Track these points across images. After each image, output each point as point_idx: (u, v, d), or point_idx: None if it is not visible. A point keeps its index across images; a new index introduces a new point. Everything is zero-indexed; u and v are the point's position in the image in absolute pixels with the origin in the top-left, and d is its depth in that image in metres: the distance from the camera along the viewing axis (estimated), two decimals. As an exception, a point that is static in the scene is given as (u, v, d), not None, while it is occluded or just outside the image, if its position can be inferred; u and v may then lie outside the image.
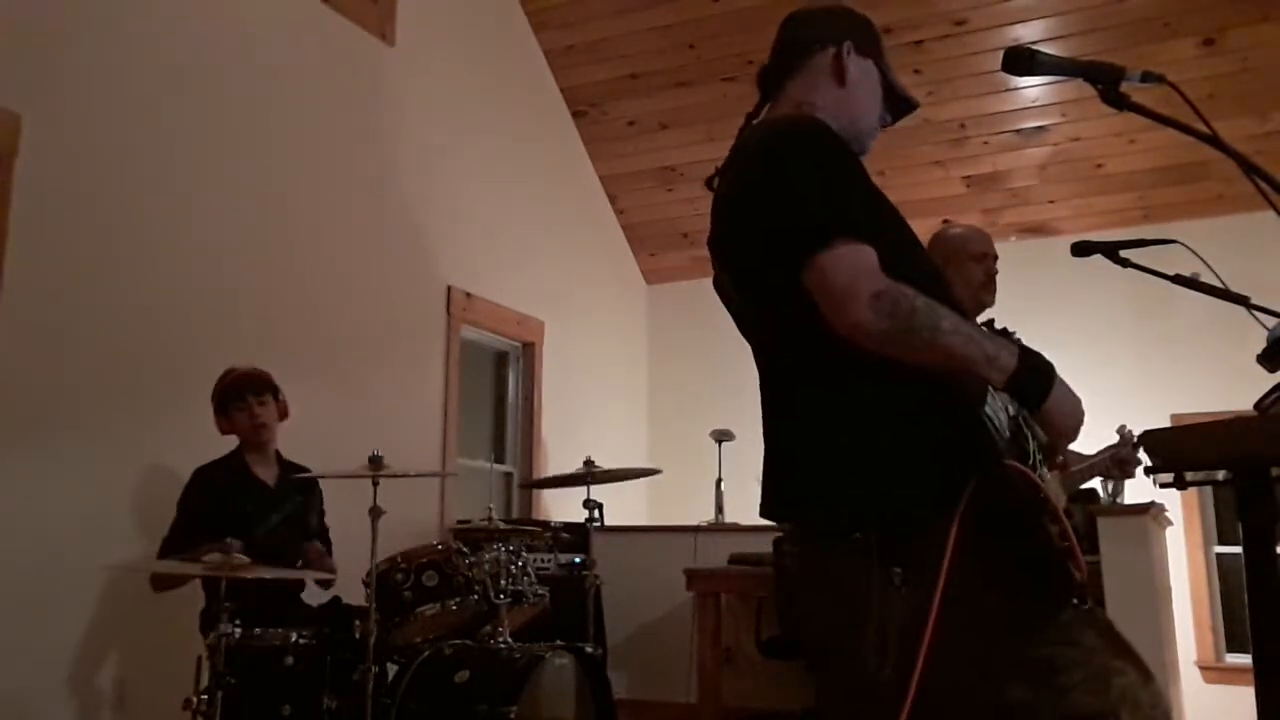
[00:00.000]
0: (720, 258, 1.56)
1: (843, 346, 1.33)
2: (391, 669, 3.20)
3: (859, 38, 1.62)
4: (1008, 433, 1.42)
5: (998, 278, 2.82)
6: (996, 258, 2.82)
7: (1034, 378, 1.35)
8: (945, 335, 1.30)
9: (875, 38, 1.65)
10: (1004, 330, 2.70)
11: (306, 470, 3.43)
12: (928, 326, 1.30)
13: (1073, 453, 2.79)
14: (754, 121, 1.63)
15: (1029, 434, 1.43)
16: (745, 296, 1.53)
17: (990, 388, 1.40)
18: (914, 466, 1.35)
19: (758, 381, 1.54)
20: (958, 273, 2.83)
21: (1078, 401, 1.39)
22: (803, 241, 1.34)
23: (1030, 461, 1.40)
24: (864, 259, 1.32)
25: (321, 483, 3.55)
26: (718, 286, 1.62)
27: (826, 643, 1.47)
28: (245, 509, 3.24)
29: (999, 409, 1.41)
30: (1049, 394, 1.35)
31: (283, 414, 3.44)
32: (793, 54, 1.63)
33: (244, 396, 3.34)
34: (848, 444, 1.39)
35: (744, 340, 1.59)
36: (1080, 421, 1.39)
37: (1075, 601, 1.29)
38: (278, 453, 3.44)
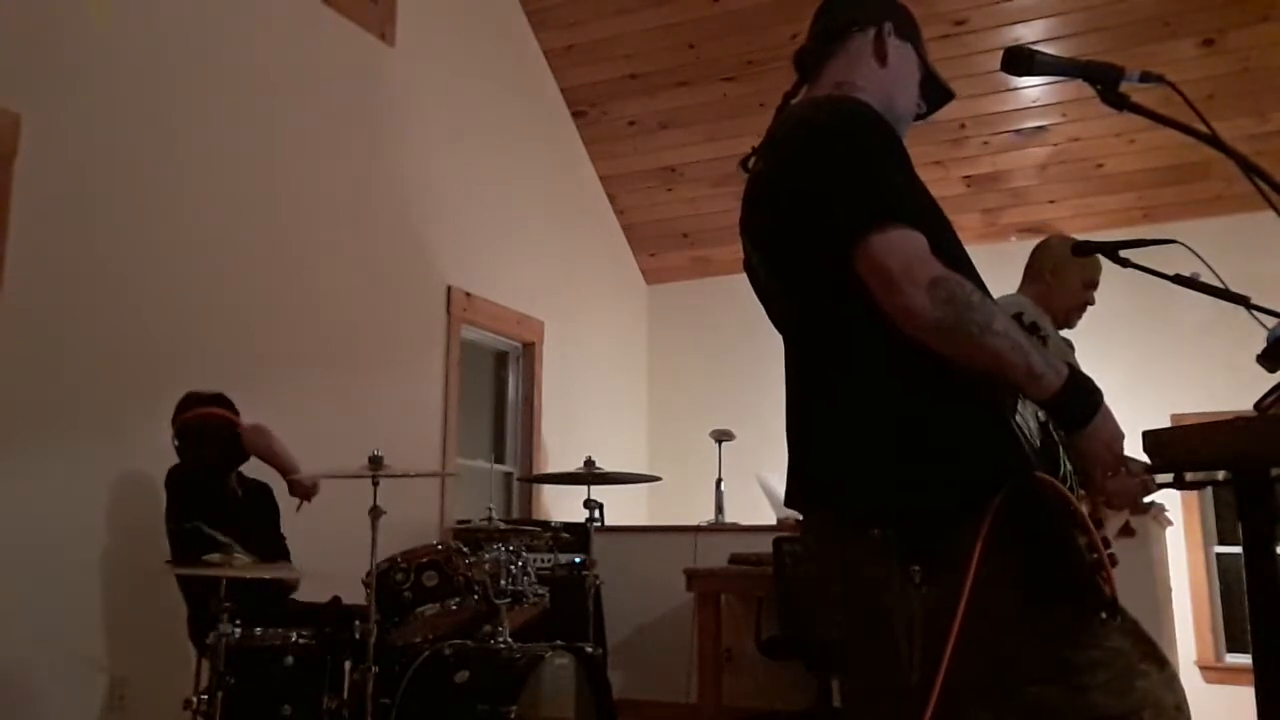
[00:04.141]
0: (753, 239, 1.50)
1: (878, 336, 1.29)
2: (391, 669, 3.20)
3: (898, 20, 1.60)
4: (1037, 441, 1.38)
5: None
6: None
7: (1078, 403, 1.30)
8: (995, 336, 1.26)
9: (914, 23, 1.62)
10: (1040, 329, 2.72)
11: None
12: (978, 323, 1.25)
13: (1130, 459, 2.77)
14: (792, 102, 1.58)
15: (1058, 442, 1.39)
16: (779, 279, 1.48)
17: (1021, 395, 1.35)
18: (940, 468, 1.31)
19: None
20: (1062, 284, 2.89)
21: (1118, 435, 1.34)
22: (852, 223, 1.28)
23: (1061, 472, 1.36)
24: (919, 243, 1.27)
25: (322, 482, 3.54)
26: (748, 269, 1.57)
27: (843, 638, 1.43)
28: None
29: (1029, 416, 1.35)
30: (1089, 422, 1.31)
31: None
32: (833, 35, 1.59)
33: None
34: (873, 437, 1.35)
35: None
36: (1117, 455, 1.34)
37: (1104, 616, 1.26)
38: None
